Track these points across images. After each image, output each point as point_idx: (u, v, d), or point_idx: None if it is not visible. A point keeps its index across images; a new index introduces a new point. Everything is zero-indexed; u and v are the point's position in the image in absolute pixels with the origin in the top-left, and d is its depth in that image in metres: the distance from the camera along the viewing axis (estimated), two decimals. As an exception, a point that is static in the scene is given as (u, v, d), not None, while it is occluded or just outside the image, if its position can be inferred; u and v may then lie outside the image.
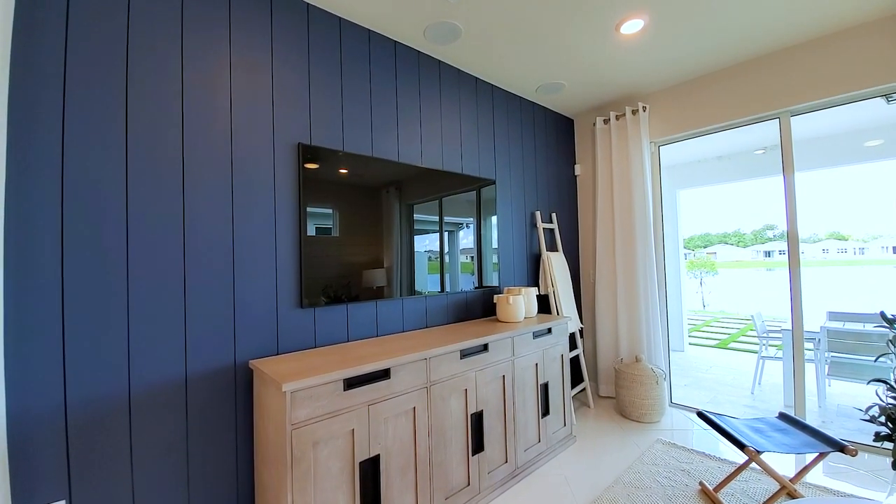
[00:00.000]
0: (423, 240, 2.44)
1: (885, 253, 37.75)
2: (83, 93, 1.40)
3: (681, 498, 1.98)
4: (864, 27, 2.35)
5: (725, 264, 32.90)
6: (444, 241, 2.57)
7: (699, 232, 33.51)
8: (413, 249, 2.37)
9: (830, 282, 16.60)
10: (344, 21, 2.14)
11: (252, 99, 1.80)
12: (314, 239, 1.94)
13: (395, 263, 2.27)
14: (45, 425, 1.33)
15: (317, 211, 1.95)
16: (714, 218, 41.13)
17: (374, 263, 2.17)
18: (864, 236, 40.39)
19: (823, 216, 40.94)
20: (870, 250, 39.55)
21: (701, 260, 16.06)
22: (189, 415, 1.59)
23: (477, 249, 2.77)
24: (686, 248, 29.00)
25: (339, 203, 2.04)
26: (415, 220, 2.40)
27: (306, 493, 1.40)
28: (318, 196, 1.96)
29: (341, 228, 2.04)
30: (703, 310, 10.69)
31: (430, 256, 2.47)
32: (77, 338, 1.38)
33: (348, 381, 1.53)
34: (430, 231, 2.49)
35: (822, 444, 1.79)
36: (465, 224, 2.72)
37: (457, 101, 2.72)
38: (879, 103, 3.62)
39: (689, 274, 13.07)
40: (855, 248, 39.48)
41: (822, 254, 38.96)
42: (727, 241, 39.71)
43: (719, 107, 2.88)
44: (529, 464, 2.27)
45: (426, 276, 2.44)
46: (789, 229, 2.62)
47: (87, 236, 1.40)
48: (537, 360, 2.39)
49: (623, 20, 2.23)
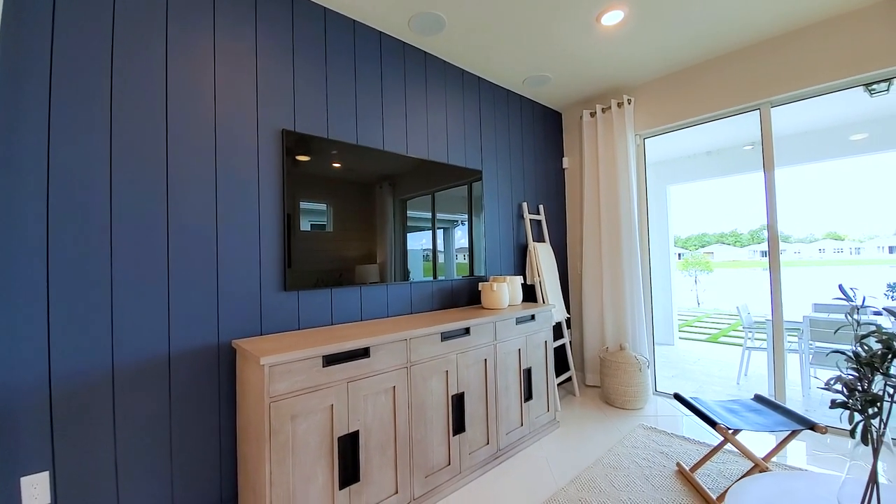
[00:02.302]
0: (417, 237, 2.50)
1: (881, 253, 37.91)
2: (69, 76, 1.44)
3: (658, 478, 2.02)
4: (842, 17, 2.40)
5: (722, 264, 33.00)
6: (437, 237, 2.63)
7: (696, 232, 33.60)
8: (406, 246, 2.43)
9: (825, 280, 16.68)
10: (329, 11, 2.18)
11: (236, 86, 1.84)
12: (306, 234, 1.98)
13: (389, 258, 2.30)
14: (29, 398, 1.36)
15: (305, 201, 1.99)
16: (710, 218, 41.23)
17: (367, 258, 2.21)
18: (861, 236, 40.53)
19: (820, 216, 41.15)
20: (866, 250, 39.72)
21: (696, 259, 16.14)
22: (172, 391, 1.63)
23: (469, 242, 2.83)
24: (684, 248, 28.88)
25: (331, 197, 2.08)
26: (408, 217, 2.45)
27: (284, 464, 1.44)
28: (306, 185, 2.00)
29: (331, 219, 2.08)
30: (698, 307, 10.75)
31: (425, 255, 2.53)
32: (61, 313, 1.41)
33: (327, 357, 1.57)
34: (423, 228, 2.55)
35: (794, 422, 1.83)
36: (459, 221, 2.77)
37: (443, 92, 2.76)
38: (863, 98, 3.69)
39: (685, 273, 13.15)
40: (851, 248, 39.67)
41: (818, 253, 39.10)
42: (724, 241, 39.85)
43: (702, 99, 2.93)
44: (511, 446, 2.31)
45: (419, 269, 2.50)
46: (769, 224, 2.67)
47: (72, 214, 1.44)
48: (520, 345, 2.43)
49: (603, 11, 2.27)
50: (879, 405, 1.15)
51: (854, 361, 1.21)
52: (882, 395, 1.15)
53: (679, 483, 1.97)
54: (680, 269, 13.78)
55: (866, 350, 1.20)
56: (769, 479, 1.41)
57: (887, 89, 3.23)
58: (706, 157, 5.18)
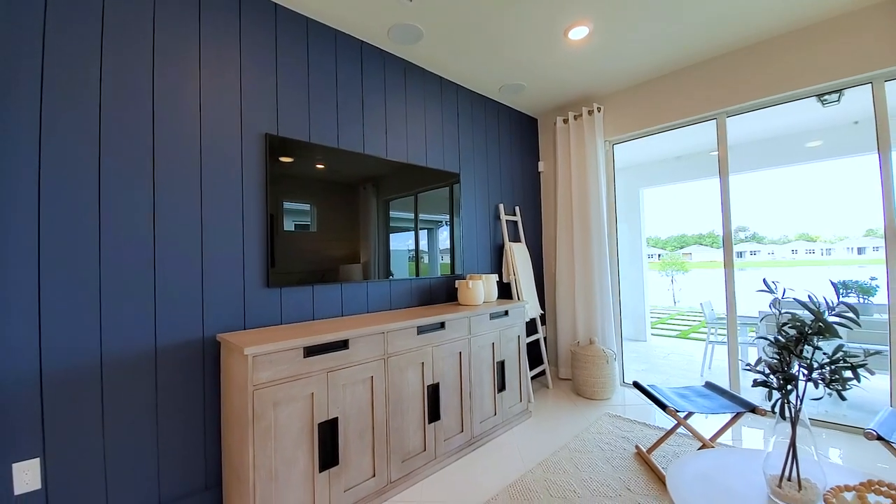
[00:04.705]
0: (400, 237, 2.63)
1: (851, 254, 39.44)
2: (59, 81, 1.52)
3: (618, 459, 2.19)
4: (792, 34, 2.59)
5: (700, 264, 33.86)
6: (420, 238, 2.76)
7: (676, 233, 34.47)
8: (389, 245, 2.56)
9: (797, 279, 17.37)
10: (311, 21, 2.29)
11: (221, 92, 1.93)
12: (291, 234, 2.08)
13: (372, 257, 2.42)
14: (20, 388, 1.44)
15: (287, 201, 2.09)
16: (689, 220, 42.20)
17: (351, 258, 2.32)
18: (832, 237, 42.09)
19: (793, 219, 42.63)
20: (836, 251, 41.25)
21: (672, 259, 16.65)
22: (158, 382, 1.72)
23: (450, 242, 2.97)
24: (663, 249, 29.22)
25: (313, 198, 2.18)
26: (391, 218, 2.57)
27: (266, 448, 1.54)
28: (287, 186, 2.10)
29: (312, 218, 2.19)
30: (674, 305, 11.12)
31: (409, 256, 2.66)
32: (52, 307, 1.49)
33: (308, 348, 1.68)
34: (406, 229, 2.68)
35: (737, 405, 2.02)
36: (443, 222, 2.91)
37: (422, 98, 2.89)
38: (816, 107, 3.95)
39: (662, 273, 13.55)
40: (823, 250, 41.14)
41: (791, 254, 40.41)
42: (702, 243, 40.89)
43: (664, 109, 3.13)
44: (485, 434, 2.45)
45: (404, 268, 2.63)
46: (724, 226, 2.88)
47: (62, 214, 1.52)
48: (494, 339, 2.58)
49: (570, 27, 2.44)
50: (795, 383, 1.32)
51: (775, 346, 1.38)
52: (797, 374, 1.32)
53: (637, 464, 2.14)
54: (658, 269, 14.19)
55: (784, 336, 1.37)
56: (708, 454, 1.58)
57: (838, 100, 3.49)
58: (676, 162, 5.44)
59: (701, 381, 3.80)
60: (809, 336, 1.27)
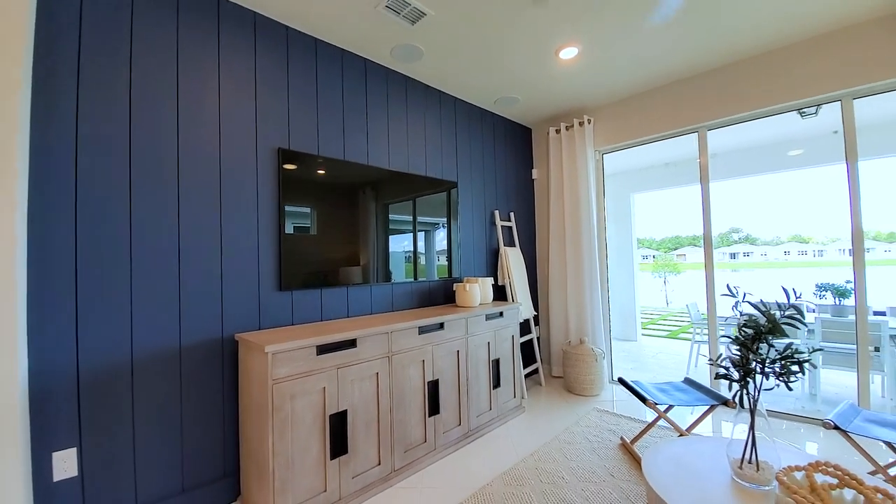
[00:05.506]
0: (398, 239, 2.79)
1: (842, 255, 39.98)
2: (94, 111, 1.68)
3: (604, 450, 2.37)
4: (772, 53, 2.77)
5: (694, 265, 34.19)
6: (417, 240, 2.93)
7: (670, 234, 34.87)
8: (388, 248, 2.72)
9: (789, 280, 17.67)
10: (319, 42, 2.46)
11: (237, 110, 2.10)
12: (294, 236, 2.24)
13: (372, 260, 2.59)
14: (60, 383, 1.59)
15: (296, 210, 2.26)
16: (682, 223, 42.60)
17: (351, 260, 2.49)
18: (824, 239, 42.56)
19: (786, 221, 43.28)
20: (828, 252, 41.78)
21: (665, 261, 16.92)
22: (182, 378, 1.88)
23: (447, 245, 3.14)
24: (658, 251, 29.54)
25: (318, 202, 2.35)
26: (390, 220, 2.74)
27: (285, 436, 1.71)
28: (298, 196, 2.26)
29: (319, 226, 2.35)
30: (666, 306, 11.34)
31: (406, 257, 2.82)
32: (88, 312, 1.65)
33: (320, 347, 1.84)
34: (404, 231, 2.84)
35: (711, 399, 2.21)
36: (440, 224, 3.08)
37: (422, 111, 3.07)
38: (796, 119, 4.16)
39: (655, 274, 13.80)
40: (815, 251, 41.67)
41: (784, 256, 40.82)
42: (696, 244, 41.28)
43: (650, 121, 3.32)
44: (481, 428, 2.63)
45: (401, 271, 2.80)
46: (704, 230, 3.07)
47: (97, 228, 1.67)
48: (490, 339, 2.75)
49: (561, 47, 2.62)
50: (752, 376, 1.51)
51: (735, 343, 1.56)
52: (754, 368, 1.50)
53: (620, 453, 2.32)
54: (651, 271, 14.44)
55: (743, 335, 1.55)
56: (680, 442, 1.76)
57: (816, 112, 3.70)
58: (665, 169, 5.64)
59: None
60: (764, 335, 1.45)
